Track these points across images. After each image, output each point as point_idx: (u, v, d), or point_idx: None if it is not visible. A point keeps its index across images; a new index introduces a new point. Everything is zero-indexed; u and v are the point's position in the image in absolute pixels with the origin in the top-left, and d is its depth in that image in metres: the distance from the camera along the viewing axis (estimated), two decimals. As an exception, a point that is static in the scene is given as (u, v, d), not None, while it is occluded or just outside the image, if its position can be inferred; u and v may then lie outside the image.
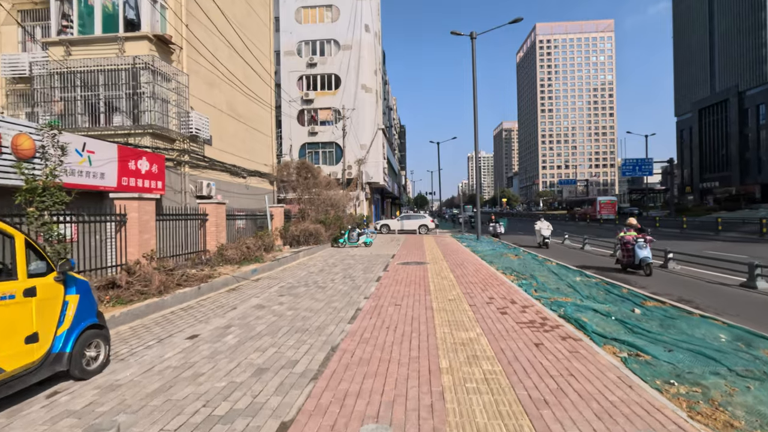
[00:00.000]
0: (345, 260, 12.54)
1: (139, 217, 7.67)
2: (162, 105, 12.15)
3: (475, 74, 21.52)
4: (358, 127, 32.14)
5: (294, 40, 32.80)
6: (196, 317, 5.67)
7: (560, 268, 10.29)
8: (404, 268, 10.28)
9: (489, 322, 5.20)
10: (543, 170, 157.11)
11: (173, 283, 7.03)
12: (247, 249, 10.77)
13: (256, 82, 18.82)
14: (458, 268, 10.17)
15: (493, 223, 23.66)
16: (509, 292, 7.12)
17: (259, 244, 11.52)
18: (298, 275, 9.54)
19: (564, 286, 8.09)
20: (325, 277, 9.06)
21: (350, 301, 6.52)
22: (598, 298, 6.93)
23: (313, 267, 11.04)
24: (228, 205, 15.55)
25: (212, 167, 14.77)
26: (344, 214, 22.68)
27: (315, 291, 7.47)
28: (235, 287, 8.10)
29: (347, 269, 10.38)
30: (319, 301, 6.60)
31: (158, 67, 11.62)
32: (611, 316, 5.53)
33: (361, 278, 8.85)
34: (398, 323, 5.15)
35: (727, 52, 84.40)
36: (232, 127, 16.58)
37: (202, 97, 14.38)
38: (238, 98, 17.03)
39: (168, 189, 12.12)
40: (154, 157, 10.94)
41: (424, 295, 6.94)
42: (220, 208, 11.11)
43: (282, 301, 6.63)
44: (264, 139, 19.53)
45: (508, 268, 10.32)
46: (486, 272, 9.52)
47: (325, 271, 10.07)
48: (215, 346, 4.32)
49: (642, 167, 48.05)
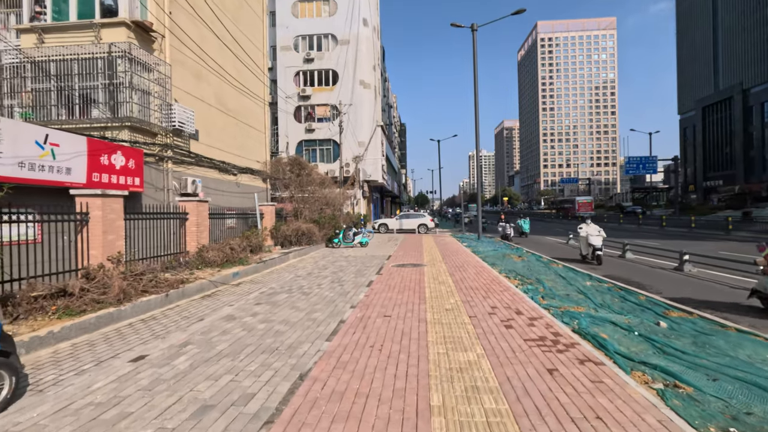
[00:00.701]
0: (337, 262, 11.78)
1: (104, 216, 6.92)
2: (142, 97, 11.39)
3: (476, 68, 20.72)
4: (356, 123, 31.35)
5: (290, 34, 32.01)
6: (154, 331, 4.91)
7: (568, 271, 9.51)
8: (399, 271, 9.51)
9: (492, 338, 4.43)
10: (544, 169, 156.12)
11: (137, 289, 6.28)
12: (230, 250, 10.01)
13: (248, 77, 18.06)
14: (458, 271, 9.40)
15: (502, 224, 20.37)
16: (514, 300, 6.35)
17: (244, 245, 10.77)
18: (284, 279, 8.78)
19: (574, 291, 7.32)
20: (311, 282, 8.30)
21: (334, 311, 5.75)
22: (614, 307, 6.15)
23: (302, 270, 10.28)
24: (217, 204, 14.82)
25: (199, 163, 14.02)
26: (340, 213, 21.92)
27: (297, 298, 6.71)
28: (210, 293, 7.34)
29: (338, 272, 9.62)
30: (299, 310, 5.84)
31: (137, 56, 10.86)
32: (634, 331, 4.75)
33: (350, 283, 8.09)
34: (385, 340, 4.38)
35: (732, 49, 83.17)
36: (221, 121, 15.81)
37: (188, 89, 13.62)
38: (228, 92, 16.27)
39: (149, 186, 11.37)
40: (132, 152, 10.18)
41: (418, 303, 6.17)
42: (202, 206, 10.35)
43: (257, 310, 5.86)
44: (257, 135, 18.77)
45: (512, 271, 9.54)
46: (488, 276, 8.75)
47: (313, 275, 9.31)
48: (160, 372, 3.55)
49: (646, 165, 47.18)
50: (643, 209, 58.08)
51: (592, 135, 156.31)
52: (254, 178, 18.00)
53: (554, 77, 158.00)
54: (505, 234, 20.00)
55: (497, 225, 21.15)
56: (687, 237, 20.83)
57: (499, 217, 21.46)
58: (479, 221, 20.80)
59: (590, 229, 11.94)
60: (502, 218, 20.99)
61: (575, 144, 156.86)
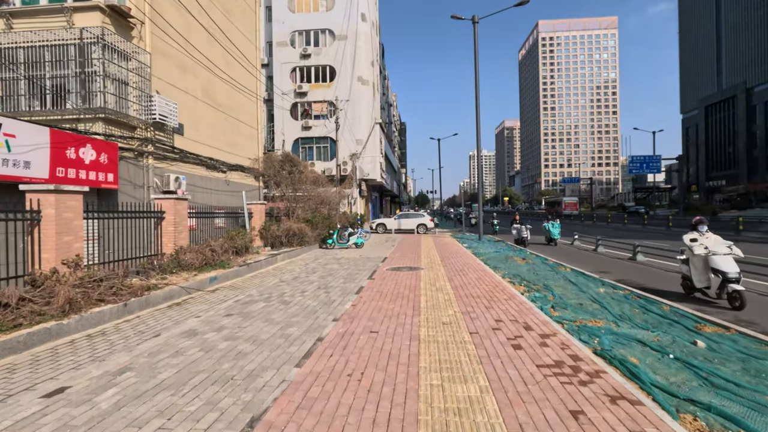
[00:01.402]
0: (328, 264, 10.99)
1: (58, 215, 6.13)
2: (119, 87, 10.62)
3: (476, 62, 19.91)
4: (354, 121, 30.57)
5: (287, 30, 31.22)
6: (95, 351, 4.13)
7: (578, 276, 8.71)
8: (394, 276, 8.72)
9: (497, 363, 3.63)
10: (545, 169, 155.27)
11: (91, 298, 5.50)
12: (211, 252, 9.23)
13: (240, 71, 17.28)
14: (457, 276, 8.60)
15: (517, 225, 17.09)
16: (521, 311, 5.56)
17: (227, 246, 9.98)
18: (266, 284, 7.99)
19: (587, 300, 6.52)
20: (295, 288, 7.50)
21: (313, 326, 4.96)
22: (636, 320, 5.35)
23: (288, 273, 9.49)
24: (206, 203, 14.05)
25: (184, 160, 13.24)
26: (336, 212, 21.13)
27: (275, 308, 5.92)
28: (180, 301, 6.55)
29: (326, 276, 8.82)
30: (272, 324, 5.05)
31: (112, 42, 10.08)
32: (668, 353, 3.96)
33: (338, 289, 7.29)
34: (367, 366, 3.59)
35: (735, 47, 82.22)
36: (210, 116, 15.03)
37: (172, 81, 12.84)
38: (217, 86, 15.50)
39: (126, 183, 10.60)
40: (104, 146, 9.40)
41: (411, 315, 5.38)
42: (181, 204, 9.57)
43: (225, 324, 5.07)
44: (249, 132, 17.99)
45: (516, 276, 8.74)
46: (490, 281, 7.95)
47: (299, 279, 8.51)
48: (72, 415, 2.76)
49: (650, 164, 46.35)
50: (646, 209, 57.23)
51: (594, 135, 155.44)
52: (246, 176, 17.21)
53: (555, 77, 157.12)
54: (521, 238, 16.45)
55: (511, 227, 17.67)
56: (696, 238, 20.01)
57: (513, 218, 17.87)
58: (480, 221, 20.00)
59: (712, 243, 7.01)
60: (517, 219, 17.57)
61: (576, 144, 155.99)
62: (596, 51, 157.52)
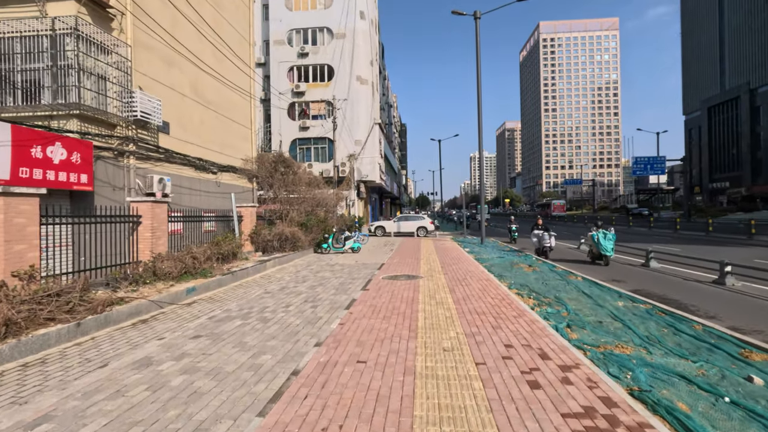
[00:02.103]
0: (321, 272, 10.24)
1: (7, 221, 5.41)
2: (97, 82, 9.93)
3: (478, 59, 19.22)
4: (353, 121, 29.88)
5: (284, 28, 30.58)
6: (19, 390, 3.39)
7: (591, 286, 7.95)
8: (390, 286, 7.98)
9: (512, 411, 2.89)
10: (546, 170, 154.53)
11: (38, 318, 4.77)
12: (192, 260, 8.49)
13: (233, 68, 16.58)
14: (459, 286, 7.86)
15: (538, 231, 14.17)
16: (534, 332, 4.81)
17: (210, 253, 9.24)
18: (249, 296, 7.25)
19: (606, 316, 5.78)
20: (279, 301, 6.76)
21: (291, 352, 4.22)
22: (667, 343, 4.61)
23: (276, 283, 8.74)
24: (194, 206, 13.36)
25: (170, 160, 12.53)
26: (333, 215, 20.41)
27: (251, 327, 5.18)
28: (147, 318, 5.81)
29: (316, 287, 8.07)
30: (244, 349, 4.31)
31: (88, 34, 9.38)
32: (722, 394, 3.21)
33: (326, 303, 6.55)
34: (348, 415, 2.85)
35: (738, 49, 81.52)
36: (199, 114, 14.33)
37: (157, 76, 12.15)
38: (207, 82, 14.80)
39: (104, 185, 9.88)
40: (77, 144, 8.68)
41: (407, 338, 4.64)
42: (159, 207, 8.84)
43: (188, 350, 4.33)
44: (242, 132, 17.27)
45: (524, 286, 7.99)
46: (495, 293, 7.21)
47: (286, 290, 7.77)
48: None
49: (654, 166, 45.51)
50: (649, 211, 56.46)
51: (595, 136, 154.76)
52: (238, 177, 16.48)
53: (557, 78, 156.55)
54: (542, 248, 13.81)
55: (531, 233, 14.90)
56: (706, 241, 19.26)
57: (535, 222, 14.98)
58: (482, 224, 19.27)
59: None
60: (539, 224, 14.65)
61: (578, 145, 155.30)
62: (597, 52, 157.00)
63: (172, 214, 11.27)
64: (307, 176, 16.78)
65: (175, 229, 11.50)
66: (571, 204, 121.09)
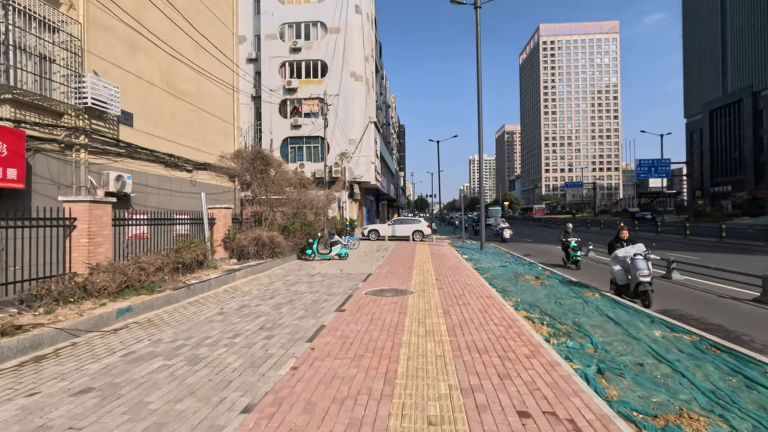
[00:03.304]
0: (296, 284, 8.86)
1: None
2: (40, 63, 8.62)
3: (479, 53, 17.93)
4: (347, 119, 28.55)
5: (276, 22, 29.26)
6: None
7: (615, 307, 6.59)
8: (372, 305, 6.61)
9: None
10: (546, 173, 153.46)
11: None
12: (139, 271, 7.12)
13: (215, 59, 15.24)
14: (455, 306, 6.49)
15: (568, 239, 12.47)
16: (556, 386, 3.45)
17: (165, 261, 7.86)
18: (196, 319, 5.87)
19: (645, 354, 4.42)
20: (229, 328, 5.38)
21: (201, 427, 2.84)
22: (745, 405, 3.25)
23: (237, 299, 7.36)
24: (164, 207, 12.03)
25: (133, 155, 11.20)
26: (323, 217, 19.03)
27: (170, 374, 3.80)
28: (47, 353, 4.44)
29: (283, 305, 6.70)
30: (135, 419, 2.93)
31: (27, 6, 8.05)
32: None
33: (286, 332, 5.17)
34: None
35: (741, 51, 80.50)
36: (170, 106, 13.00)
37: (119, 61, 10.83)
38: (182, 72, 13.48)
39: (45, 182, 8.53)
40: (4, 134, 7.31)
41: (378, 398, 3.27)
42: (100, 209, 7.45)
43: (55, 419, 2.96)
44: (223, 127, 15.91)
45: (534, 306, 6.63)
46: (500, 316, 5.85)
47: (244, 310, 6.39)
48: None
49: (658, 168, 44.23)
50: (653, 215, 55.23)
51: (594, 139, 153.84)
52: (217, 177, 15.10)
53: (556, 81, 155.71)
54: (572, 262, 12.20)
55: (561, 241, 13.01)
56: (722, 248, 17.93)
57: (565, 230, 13.00)
58: (482, 228, 17.93)
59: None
60: (569, 231, 12.76)
61: (577, 148, 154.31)
62: (597, 55, 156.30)
63: (134, 216, 9.94)
64: (292, 176, 15.40)
65: (139, 233, 10.17)
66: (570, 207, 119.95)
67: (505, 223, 24.98)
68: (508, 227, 23.84)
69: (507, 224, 24.34)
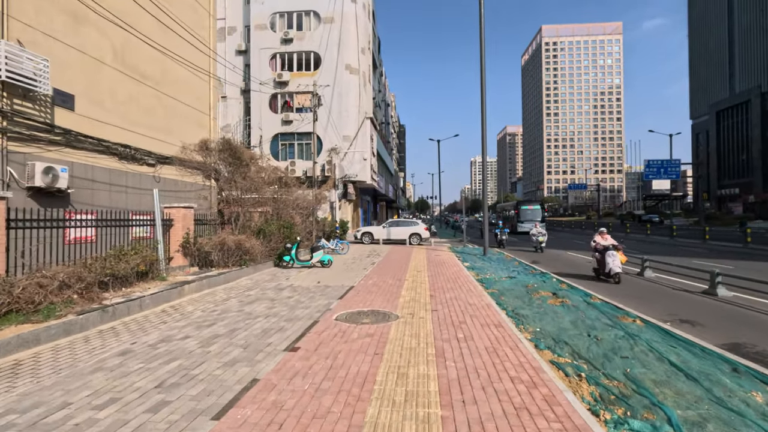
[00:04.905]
0: (254, 302, 7.08)
1: None
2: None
3: (482, 47, 16.16)
4: (341, 114, 26.83)
5: (267, 11, 27.61)
6: None
7: (668, 342, 4.80)
8: (338, 340, 4.84)
9: None
10: (548, 175, 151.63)
11: None
12: (37, 289, 5.35)
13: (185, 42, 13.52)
14: (454, 343, 4.72)
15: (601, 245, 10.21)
16: None
17: (79, 275, 6.08)
18: (79, 365, 4.10)
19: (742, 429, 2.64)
20: (108, 387, 3.59)
21: None
22: None
23: (164, 328, 5.58)
24: (118, 206, 10.33)
25: (73, 144, 9.46)
26: (310, 219, 17.28)
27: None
28: None
29: (217, 339, 4.92)
30: None
31: None
32: None
33: (191, 396, 3.40)
34: None
35: (749, 51, 78.69)
36: (126, 89, 11.27)
37: (54, 32, 9.09)
38: (142, 51, 11.76)
39: (-61, 172, 6.81)
40: None
41: None
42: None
43: None
44: (195, 117, 14.15)
45: (560, 342, 4.83)
46: (516, 361, 4.07)
47: (158, 349, 4.61)
48: None
49: (668, 170, 42.31)
50: (660, 218, 53.39)
51: (597, 141, 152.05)
52: (189, 173, 13.32)
53: (559, 82, 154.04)
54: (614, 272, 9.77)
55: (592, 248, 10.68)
56: (754, 256, 16.08)
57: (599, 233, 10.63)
58: (485, 232, 16.15)
59: None
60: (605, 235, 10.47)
61: (580, 150, 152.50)
62: (600, 56, 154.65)
63: (75, 216, 8.25)
64: (271, 172, 13.65)
65: (84, 236, 8.46)
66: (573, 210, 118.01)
67: (543, 229, 19.19)
68: (544, 234, 17.92)
69: (545, 232, 18.21)
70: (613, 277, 9.83)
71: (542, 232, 17.87)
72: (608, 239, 10.39)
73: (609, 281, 10.00)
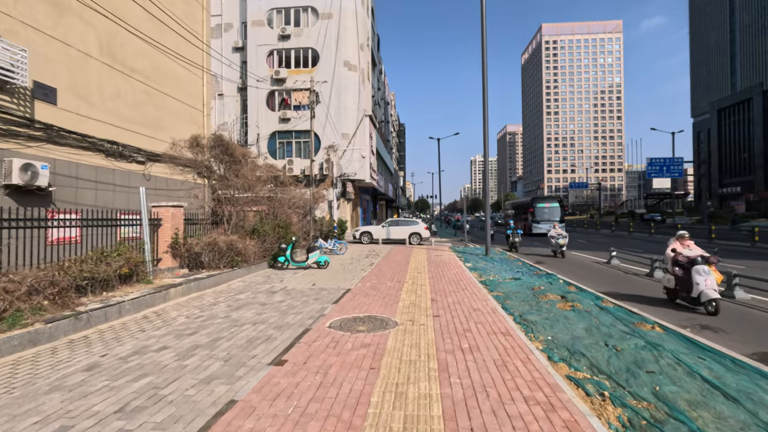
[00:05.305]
0: (243, 308, 6.62)
1: None
2: None
3: (484, 41, 15.67)
4: (339, 112, 26.35)
5: (264, 6, 27.11)
6: None
7: (695, 352, 4.34)
8: (330, 351, 4.38)
9: None
10: (548, 174, 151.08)
11: None
12: (3, 294, 4.91)
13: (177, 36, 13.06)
14: (459, 354, 4.26)
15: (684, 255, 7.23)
16: None
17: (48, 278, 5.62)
18: (37, 383, 3.64)
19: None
20: (62, 411, 3.13)
21: None
22: None
23: (140, 337, 5.12)
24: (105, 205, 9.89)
25: (56, 140, 9.01)
26: (307, 218, 16.83)
27: None
28: None
29: (196, 351, 4.46)
30: None
31: None
32: None
33: (154, 423, 2.95)
34: None
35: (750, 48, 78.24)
36: (114, 84, 10.81)
37: (37, 22, 8.65)
38: (131, 44, 11.30)
39: None
40: None
41: None
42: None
43: None
44: (188, 113, 13.69)
45: (577, 354, 4.38)
46: (530, 377, 3.61)
47: (129, 363, 4.16)
48: None
49: (670, 168, 41.96)
50: (662, 217, 52.91)
51: (597, 140, 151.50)
52: (180, 171, 12.86)
53: (559, 81, 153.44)
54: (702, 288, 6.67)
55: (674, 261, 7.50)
56: (764, 255, 15.63)
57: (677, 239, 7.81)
58: (487, 233, 15.70)
59: None
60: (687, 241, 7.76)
61: (580, 149, 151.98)
62: (600, 55, 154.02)
63: (57, 215, 7.79)
64: (265, 170, 13.18)
65: (67, 237, 8.00)
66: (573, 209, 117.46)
67: (563, 230, 17.06)
68: (565, 236, 15.43)
69: (565, 234, 15.70)
70: (704, 305, 6.76)
71: (562, 233, 15.47)
72: (694, 248, 7.48)
73: (697, 309, 7.04)
